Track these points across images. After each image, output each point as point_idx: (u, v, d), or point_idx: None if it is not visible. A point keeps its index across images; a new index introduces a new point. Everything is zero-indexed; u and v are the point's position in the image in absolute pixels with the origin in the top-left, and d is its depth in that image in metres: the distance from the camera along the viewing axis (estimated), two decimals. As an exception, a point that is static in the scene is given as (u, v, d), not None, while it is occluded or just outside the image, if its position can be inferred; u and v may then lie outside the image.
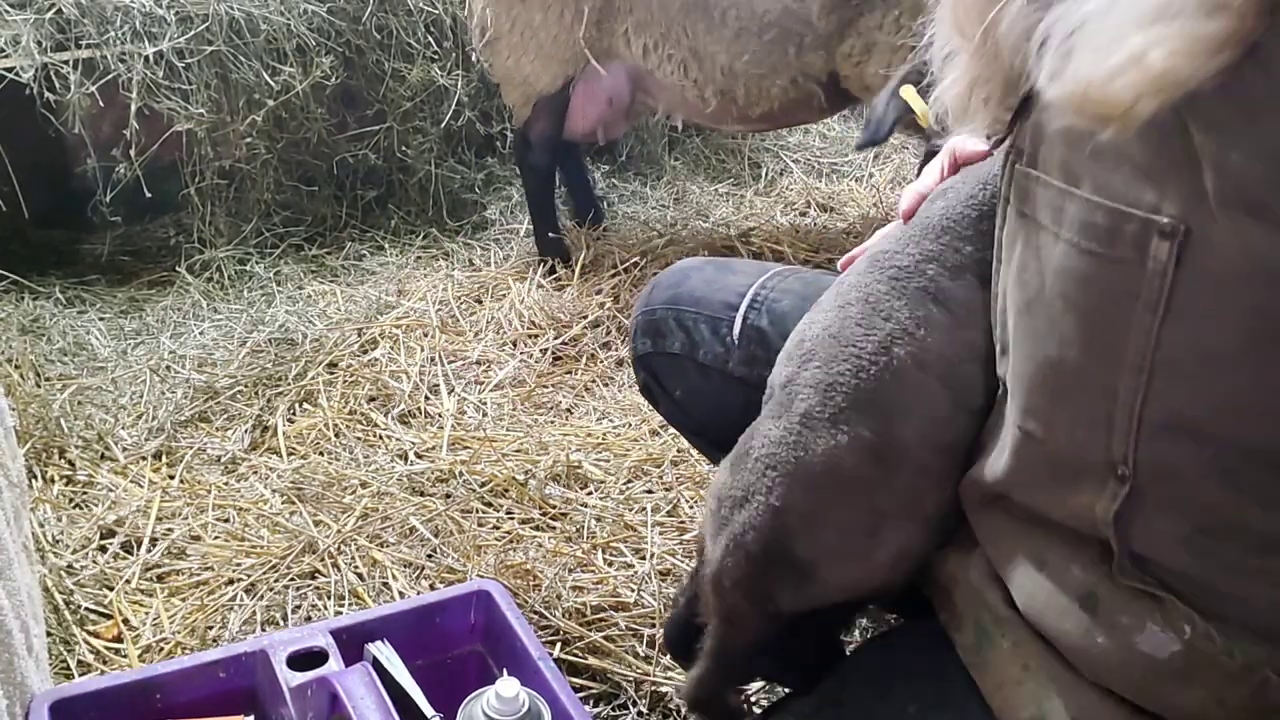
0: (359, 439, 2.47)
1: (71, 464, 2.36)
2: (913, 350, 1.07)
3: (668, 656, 1.79)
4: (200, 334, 2.94)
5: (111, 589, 1.99)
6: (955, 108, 0.90)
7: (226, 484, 2.31)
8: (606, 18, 3.01)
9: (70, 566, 2.04)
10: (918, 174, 1.29)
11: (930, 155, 1.31)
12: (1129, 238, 0.81)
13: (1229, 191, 0.75)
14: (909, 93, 1.34)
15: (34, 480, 2.27)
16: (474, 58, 3.64)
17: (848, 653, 1.22)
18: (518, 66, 3.13)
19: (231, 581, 2.00)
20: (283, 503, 2.23)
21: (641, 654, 1.83)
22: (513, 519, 2.18)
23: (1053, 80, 0.78)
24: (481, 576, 1.94)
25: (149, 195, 3.18)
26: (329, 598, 1.95)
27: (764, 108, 2.99)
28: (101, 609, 1.95)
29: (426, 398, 2.63)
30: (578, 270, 3.24)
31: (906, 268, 1.11)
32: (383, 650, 1.32)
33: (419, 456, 2.40)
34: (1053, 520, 0.95)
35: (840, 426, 1.07)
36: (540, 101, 3.19)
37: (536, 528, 2.16)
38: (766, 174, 4.09)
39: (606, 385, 2.70)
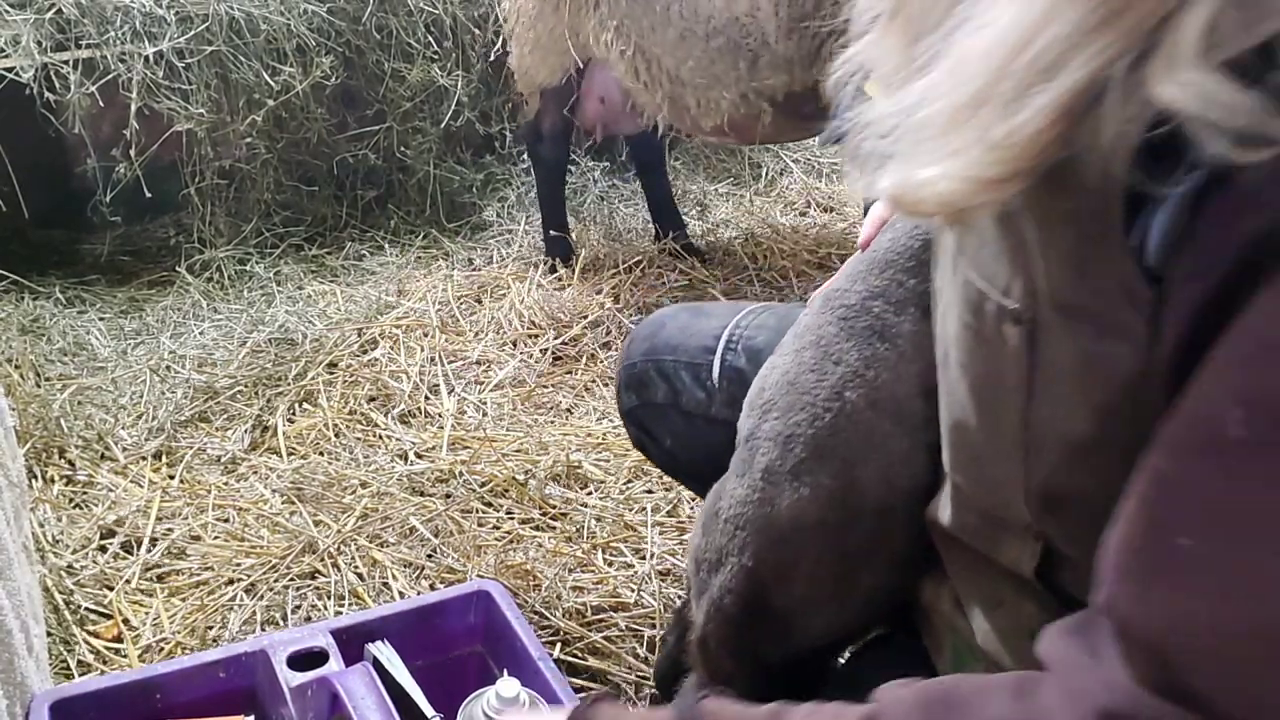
0: (359, 439, 2.47)
1: (71, 464, 2.36)
2: (864, 392, 1.07)
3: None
4: (200, 334, 2.94)
5: (111, 589, 1.99)
6: (876, 70, 0.89)
7: (226, 484, 2.31)
8: (578, 11, 2.95)
9: (70, 566, 2.04)
10: None
11: None
12: (989, 318, 0.80)
13: (1052, 288, 0.74)
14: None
15: (34, 480, 2.27)
16: (473, 58, 3.65)
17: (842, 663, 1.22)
18: (522, 57, 3.13)
19: (231, 581, 2.00)
20: (283, 503, 2.23)
21: (641, 655, 1.83)
22: (513, 519, 2.18)
23: (870, 183, 0.77)
24: (481, 576, 1.94)
25: (149, 195, 3.18)
26: (329, 598, 1.95)
27: (714, 120, 2.84)
28: (101, 609, 1.95)
29: (426, 398, 2.63)
30: (578, 270, 3.24)
31: (854, 306, 1.11)
32: (383, 650, 1.32)
33: (419, 456, 2.40)
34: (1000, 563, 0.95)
35: (802, 479, 1.08)
36: (546, 94, 3.18)
37: (536, 528, 2.16)
38: (766, 174, 4.08)
39: (606, 385, 2.70)
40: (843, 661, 1.20)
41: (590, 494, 2.26)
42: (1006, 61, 0.64)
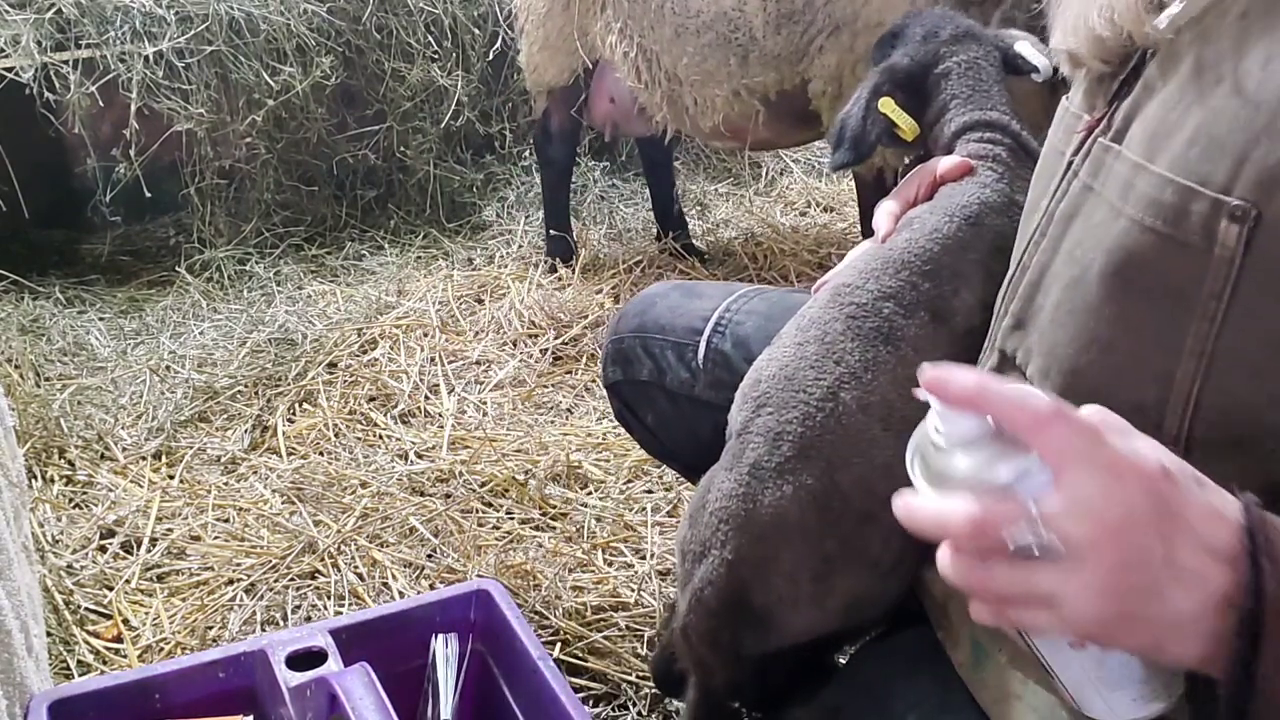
0: (359, 439, 2.47)
1: (71, 464, 2.35)
2: (858, 394, 1.09)
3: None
4: (200, 334, 2.94)
5: (111, 589, 1.99)
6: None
7: (226, 484, 2.31)
8: (586, 12, 2.95)
9: (70, 566, 2.04)
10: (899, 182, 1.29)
11: (916, 164, 1.31)
12: (1196, 219, 0.79)
13: None
14: (889, 106, 1.31)
15: (34, 480, 2.27)
16: (473, 58, 3.64)
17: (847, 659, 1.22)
18: (530, 55, 3.13)
19: (231, 581, 2.00)
20: (283, 503, 2.23)
21: (641, 654, 1.83)
22: (513, 519, 2.18)
23: None
24: (481, 576, 1.94)
25: (149, 195, 3.18)
26: (329, 598, 1.95)
27: (711, 120, 2.82)
28: (101, 609, 1.95)
29: (426, 398, 2.63)
30: (578, 270, 3.24)
31: (864, 305, 1.12)
32: (444, 647, 1.33)
33: (419, 456, 2.40)
34: None
35: (786, 477, 1.09)
36: (555, 93, 3.18)
37: (536, 528, 2.16)
38: (767, 174, 4.08)
39: (606, 385, 2.70)
40: (857, 656, 1.21)
41: (590, 494, 2.26)
42: None
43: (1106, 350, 0.88)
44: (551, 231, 3.33)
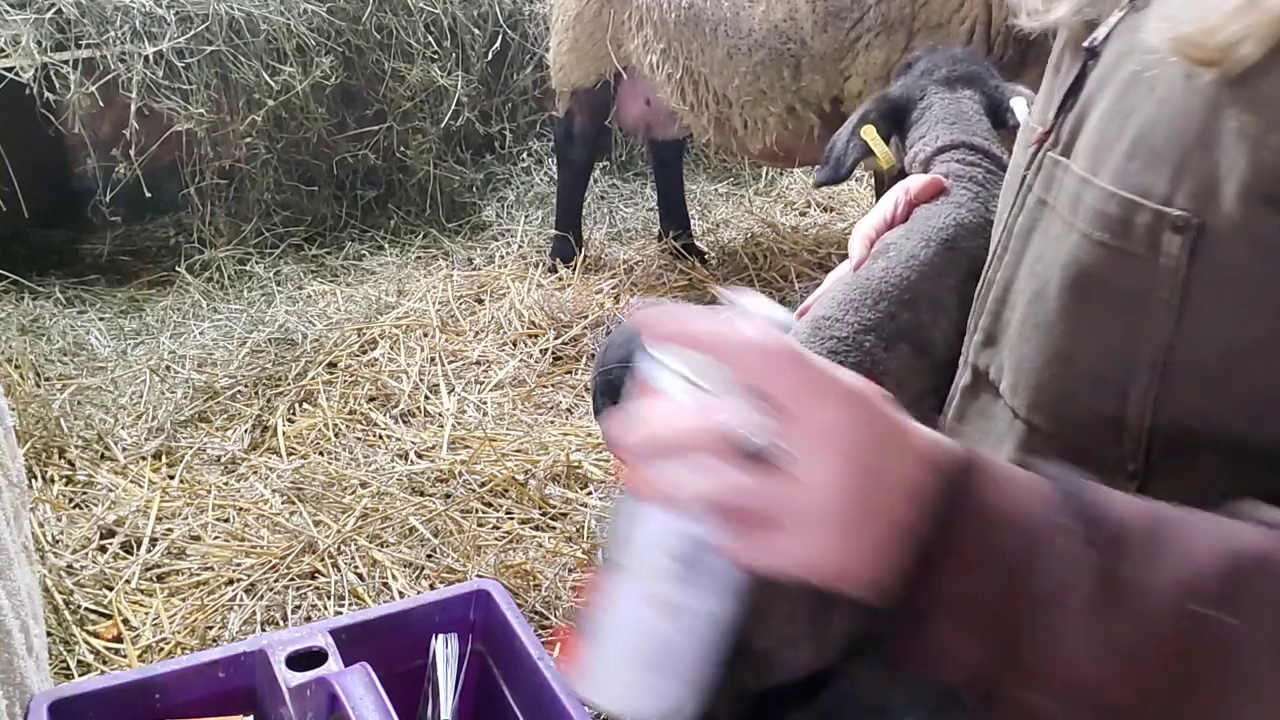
0: (359, 439, 2.47)
1: (71, 464, 2.35)
2: None
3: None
4: (200, 334, 2.93)
5: (111, 589, 1.99)
6: None
7: (226, 484, 2.31)
8: (620, 25, 2.95)
9: (70, 566, 2.04)
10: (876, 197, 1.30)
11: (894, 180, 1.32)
12: (1140, 230, 0.79)
13: (1259, 178, 0.73)
14: (869, 134, 1.35)
15: (34, 480, 2.27)
16: (473, 58, 3.64)
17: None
18: (558, 55, 3.13)
19: (231, 581, 2.00)
20: (283, 503, 2.23)
21: (641, 654, 1.83)
22: (513, 519, 2.18)
23: (1157, 23, 0.77)
24: (481, 576, 1.94)
25: (149, 195, 3.18)
26: (329, 598, 1.95)
27: (761, 142, 2.80)
28: (101, 609, 1.95)
29: (426, 397, 2.63)
30: (578, 270, 3.24)
31: (845, 339, 1.11)
32: (444, 647, 1.33)
33: (419, 456, 2.40)
34: None
35: None
36: (579, 95, 3.18)
37: (536, 528, 2.16)
38: (767, 174, 4.08)
39: (606, 385, 2.70)
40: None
41: (590, 494, 2.26)
42: None
43: (1067, 363, 0.88)
44: (559, 233, 3.33)
